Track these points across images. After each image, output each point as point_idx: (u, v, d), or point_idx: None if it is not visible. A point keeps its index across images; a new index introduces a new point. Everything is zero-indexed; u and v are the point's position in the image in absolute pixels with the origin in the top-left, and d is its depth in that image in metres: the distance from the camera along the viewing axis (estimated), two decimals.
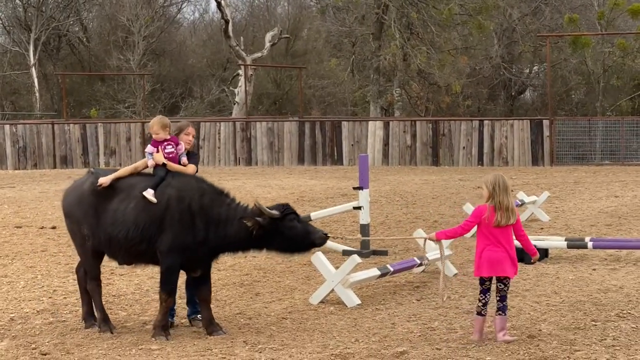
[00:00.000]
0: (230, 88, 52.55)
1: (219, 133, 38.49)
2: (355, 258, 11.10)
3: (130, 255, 9.65)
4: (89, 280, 9.94)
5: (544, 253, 14.13)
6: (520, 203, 18.29)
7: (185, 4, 63.21)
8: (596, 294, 11.35)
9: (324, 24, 54.14)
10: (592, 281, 12.24)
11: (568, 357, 8.51)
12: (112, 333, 9.71)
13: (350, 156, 37.27)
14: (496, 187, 9.08)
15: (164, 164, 9.66)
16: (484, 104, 51.41)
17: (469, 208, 16.92)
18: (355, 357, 8.63)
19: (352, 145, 37.41)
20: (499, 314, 9.11)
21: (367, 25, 46.25)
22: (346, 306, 10.87)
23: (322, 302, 11.07)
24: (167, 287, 9.49)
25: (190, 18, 70.46)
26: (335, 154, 37.73)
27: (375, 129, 37.43)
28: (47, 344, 9.38)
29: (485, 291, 9.13)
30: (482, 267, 8.98)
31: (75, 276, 10.32)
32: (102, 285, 10.19)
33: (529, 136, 35.94)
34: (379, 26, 44.85)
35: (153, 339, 9.41)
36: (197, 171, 9.97)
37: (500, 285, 9.09)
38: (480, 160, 36.25)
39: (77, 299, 11.43)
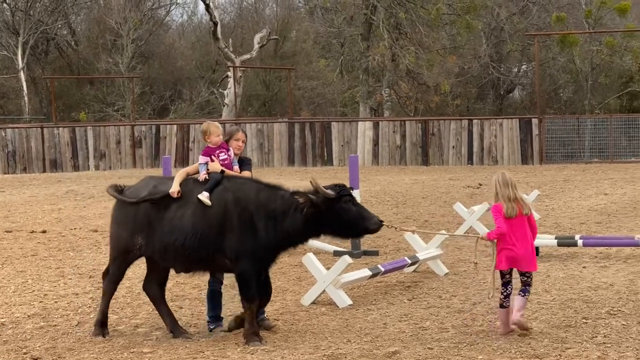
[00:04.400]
0: (220, 90, 52.51)
1: None
2: (347, 259, 11.11)
3: (189, 263, 9.45)
4: (109, 282, 9.79)
5: (535, 251, 14.14)
6: None
7: (174, 6, 62.98)
8: (587, 292, 11.38)
9: (313, 25, 54.21)
10: (582, 279, 12.28)
11: (559, 355, 8.53)
12: (103, 337, 9.66)
13: (340, 157, 37.29)
14: (497, 183, 9.37)
15: (222, 171, 9.52)
16: (472, 103, 51.49)
17: (459, 207, 16.94)
18: (348, 358, 8.64)
19: (342, 145, 37.43)
20: (520, 294, 9.39)
21: (355, 26, 46.30)
22: (338, 307, 10.88)
23: (313, 303, 11.08)
24: (247, 294, 9.27)
25: (179, 20, 70.53)
26: (325, 154, 37.76)
27: (364, 129, 37.45)
28: (38, 348, 9.37)
29: (506, 284, 9.40)
30: (502, 261, 9.32)
31: (148, 296, 10.07)
32: (93, 289, 10.18)
33: (518, 135, 36.01)
34: (367, 27, 44.90)
35: (247, 346, 9.14)
36: (252, 176, 9.78)
37: (523, 278, 9.46)
38: (470, 160, 36.30)
39: (67, 303, 11.43)
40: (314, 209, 9.14)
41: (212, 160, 9.58)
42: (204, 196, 9.28)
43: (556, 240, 14.07)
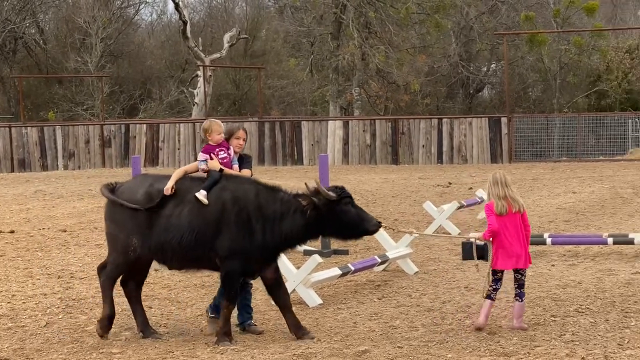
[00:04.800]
0: (189, 89, 52.38)
1: (179, 134, 38.39)
2: (316, 258, 11.12)
3: (185, 261, 9.39)
4: (106, 278, 9.59)
5: None
6: (479, 200, 18.38)
7: (143, 5, 62.74)
8: (555, 290, 11.44)
9: (282, 24, 54.15)
10: (551, 277, 12.35)
11: (528, 352, 8.57)
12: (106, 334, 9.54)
13: (311, 156, 37.30)
14: (490, 183, 9.69)
15: (220, 169, 9.46)
16: (442, 102, 51.64)
17: (429, 206, 17.01)
18: (318, 357, 8.64)
19: (312, 145, 37.44)
20: (517, 300, 9.58)
21: (325, 25, 46.33)
22: (308, 306, 10.89)
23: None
24: (229, 293, 9.26)
25: (148, 19, 70.15)
26: (296, 153, 37.75)
27: (334, 128, 37.48)
28: (6, 349, 9.30)
29: (496, 281, 9.62)
30: (497, 260, 9.51)
31: (124, 290, 9.85)
32: (62, 289, 10.11)
33: (487, 134, 36.15)
34: (337, 26, 44.93)
35: (217, 345, 9.14)
36: (251, 174, 9.77)
37: (517, 275, 9.61)
38: (440, 159, 36.41)
39: (36, 304, 11.36)
40: (316, 211, 9.15)
41: (212, 159, 9.51)
42: (201, 194, 9.22)
43: None
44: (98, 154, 38.56)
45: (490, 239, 9.48)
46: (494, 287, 9.57)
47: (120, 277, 9.73)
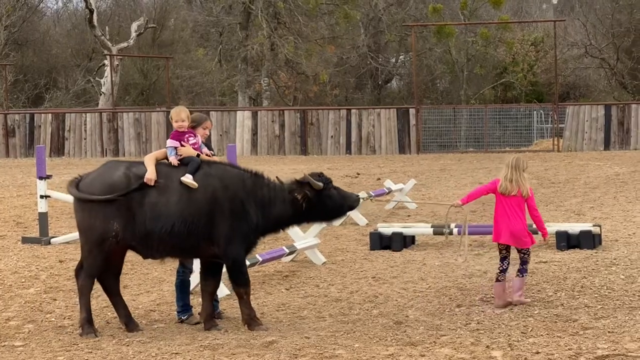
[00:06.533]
0: (96, 78, 51.73)
1: (85, 124, 37.88)
2: None
3: (172, 250, 9.21)
4: (85, 277, 9.24)
5: (411, 240, 14.35)
6: (387, 191, 18.50)
7: None
8: (461, 280, 11.57)
9: (191, 13, 53.82)
10: (457, 267, 12.47)
11: (434, 342, 8.64)
12: (95, 336, 9.17)
13: (219, 146, 37.05)
14: (506, 164, 10.15)
15: (197, 155, 9.35)
16: (351, 93, 51.84)
17: None
18: (225, 348, 8.60)
19: (221, 135, 37.27)
20: (518, 275, 10.10)
21: (234, 15, 46.13)
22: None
23: (190, 293, 10.96)
24: (241, 280, 9.27)
25: (54, 7, 69.16)
26: None
27: (243, 118, 37.37)
28: None
29: (502, 259, 10.11)
30: (501, 234, 10.04)
31: (102, 285, 9.52)
32: None
33: (395, 125, 36.39)
34: (246, 16, 44.78)
35: (253, 332, 9.12)
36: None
37: (520, 255, 10.13)
38: (349, 149, 36.55)
39: None
40: (309, 202, 9.30)
41: (182, 145, 9.39)
42: (188, 178, 9.09)
43: (432, 229, 14.27)
44: (2, 144, 37.89)
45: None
46: (501, 267, 10.07)
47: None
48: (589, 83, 50.71)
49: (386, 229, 14.11)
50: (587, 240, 13.51)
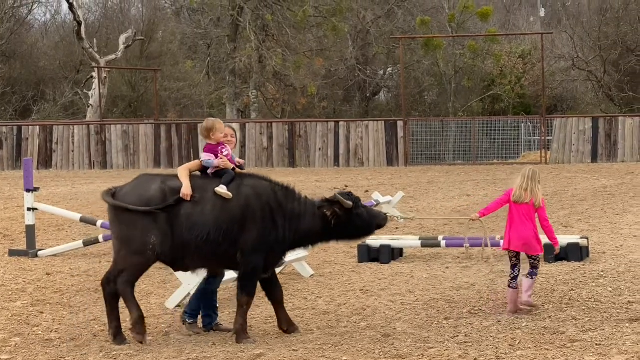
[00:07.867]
0: (84, 91, 51.64)
1: (73, 136, 37.77)
2: None
3: (206, 259, 9.29)
4: (124, 283, 9.20)
5: (399, 252, 14.35)
6: (375, 203, 18.48)
7: (36, 5, 61.53)
8: (449, 292, 11.57)
9: (179, 25, 53.79)
10: (445, 279, 12.48)
11: (422, 354, 8.64)
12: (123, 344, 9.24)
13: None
14: (522, 174, 10.38)
15: (233, 169, 9.46)
16: (339, 106, 51.90)
17: None
18: None
19: None
20: (527, 277, 10.29)
21: (222, 27, 46.17)
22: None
23: (178, 306, 10.96)
24: (249, 289, 9.29)
25: (42, 19, 68.84)
26: (192, 156, 37.45)
27: None
28: None
29: (513, 267, 10.34)
30: (512, 241, 10.30)
31: (104, 290, 9.41)
32: None
33: (383, 137, 36.41)
34: (234, 28, 44.82)
35: (241, 345, 9.12)
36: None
37: (530, 260, 10.37)
38: (337, 162, 36.56)
39: None
40: (337, 219, 9.37)
41: (217, 157, 9.45)
42: (223, 189, 9.17)
43: (420, 241, 14.27)
44: None
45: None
46: (512, 275, 10.26)
47: (106, 278, 9.38)
48: (577, 95, 50.83)
49: (374, 241, 14.10)
50: (575, 253, 13.54)
